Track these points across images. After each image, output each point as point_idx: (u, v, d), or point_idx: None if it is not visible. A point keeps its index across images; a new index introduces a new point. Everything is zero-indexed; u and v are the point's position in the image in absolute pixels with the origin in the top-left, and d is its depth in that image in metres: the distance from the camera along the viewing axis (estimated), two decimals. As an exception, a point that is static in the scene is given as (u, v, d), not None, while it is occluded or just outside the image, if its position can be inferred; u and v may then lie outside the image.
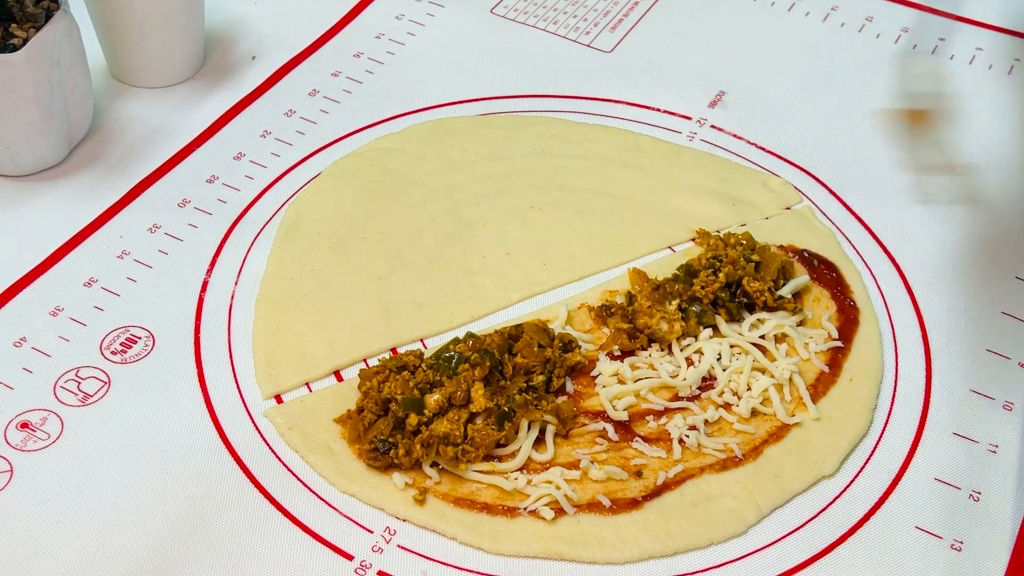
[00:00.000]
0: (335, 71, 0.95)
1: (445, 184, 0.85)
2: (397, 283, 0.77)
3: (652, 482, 0.66)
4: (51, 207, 0.82)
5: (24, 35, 0.78)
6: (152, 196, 0.83)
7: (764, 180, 0.86)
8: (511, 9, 1.02)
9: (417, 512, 0.65)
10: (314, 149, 0.87)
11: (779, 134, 0.90)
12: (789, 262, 0.78)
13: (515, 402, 0.67)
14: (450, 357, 0.69)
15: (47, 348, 0.73)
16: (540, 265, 0.79)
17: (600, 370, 0.72)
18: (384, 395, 0.67)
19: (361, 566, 0.63)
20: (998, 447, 0.69)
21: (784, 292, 0.75)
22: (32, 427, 0.68)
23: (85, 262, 0.78)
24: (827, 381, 0.72)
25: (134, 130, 0.88)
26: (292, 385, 0.71)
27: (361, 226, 0.81)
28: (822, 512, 0.66)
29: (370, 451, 0.66)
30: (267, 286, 0.77)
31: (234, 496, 0.65)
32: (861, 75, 0.96)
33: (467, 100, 0.92)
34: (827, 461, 0.68)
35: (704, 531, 0.64)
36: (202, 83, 0.93)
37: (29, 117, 0.80)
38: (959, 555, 0.64)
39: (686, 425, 0.69)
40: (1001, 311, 0.77)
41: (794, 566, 0.64)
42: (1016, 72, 0.96)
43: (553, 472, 0.66)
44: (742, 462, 0.68)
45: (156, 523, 0.64)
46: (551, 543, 0.64)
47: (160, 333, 0.74)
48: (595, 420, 0.69)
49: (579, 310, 0.76)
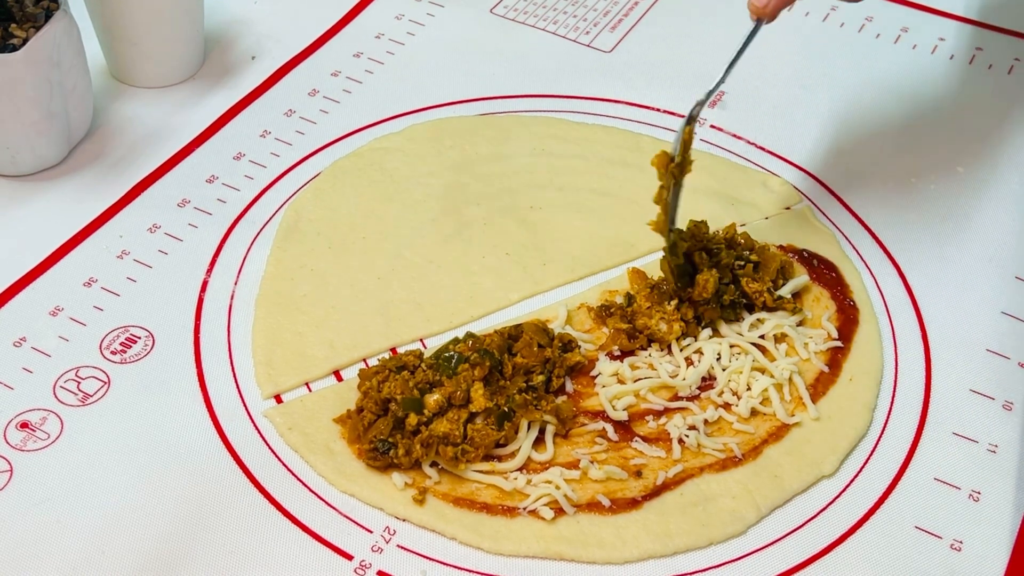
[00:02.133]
0: (335, 71, 0.95)
1: (445, 184, 0.85)
2: (397, 283, 0.77)
3: (652, 482, 0.66)
4: (51, 207, 0.82)
5: (24, 35, 0.78)
6: (152, 196, 0.83)
7: (764, 180, 0.86)
8: (511, 9, 1.02)
9: (417, 512, 0.65)
10: (314, 149, 0.87)
11: (779, 134, 0.90)
12: (788, 262, 0.78)
13: (515, 402, 0.67)
14: (450, 357, 0.69)
15: (47, 348, 0.73)
16: (540, 265, 0.79)
17: (600, 370, 0.72)
18: (384, 395, 0.67)
19: (361, 566, 0.63)
20: (998, 447, 0.69)
21: (783, 292, 0.75)
22: (32, 427, 0.68)
23: (85, 262, 0.78)
24: (827, 381, 0.72)
25: (134, 130, 0.88)
26: (292, 385, 0.71)
27: (361, 226, 0.81)
28: (822, 512, 0.66)
29: (370, 451, 0.66)
30: (267, 286, 0.77)
31: (234, 496, 0.65)
32: (860, 75, 0.96)
33: (467, 100, 0.92)
34: (827, 461, 0.68)
35: (704, 531, 0.64)
36: (202, 83, 0.93)
37: (29, 117, 0.80)
38: (959, 555, 0.64)
39: (686, 425, 0.69)
40: (1001, 311, 0.77)
41: (794, 566, 0.64)
42: (1016, 72, 0.96)
43: (553, 472, 0.66)
44: (742, 462, 0.68)
45: (156, 523, 0.64)
46: (551, 543, 0.64)
47: (160, 333, 0.74)
48: (595, 420, 0.69)
49: (579, 310, 0.76)
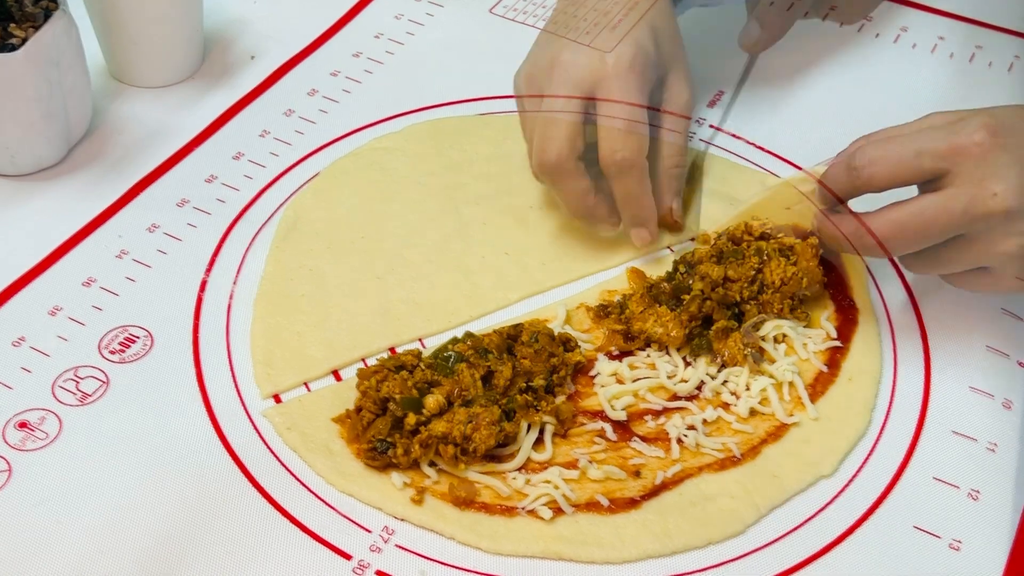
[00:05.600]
0: (334, 71, 0.95)
1: (444, 184, 0.85)
2: (396, 283, 0.77)
3: (650, 482, 0.66)
4: (50, 207, 0.82)
5: (23, 35, 0.78)
6: (151, 196, 0.83)
7: (763, 180, 0.86)
8: (510, 9, 1.02)
9: (415, 512, 0.65)
10: (313, 149, 0.87)
11: (778, 134, 0.90)
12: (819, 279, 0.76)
13: (516, 402, 0.67)
14: (448, 356, 0.69)
15: (46, 348, 0.73)
16: (539, 265, 0.79)
17: (599, 370, 0.72)
18: (382, 395, 0.67)
19: (359, 566, 0.63)
20: (997, 445, 0.69)
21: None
22: (31, 427, 0.68)
23: (84, 262, 0.78)
24: (826, 381, 0.72)
25: (133, 130, 0.88)
26: (290, 385, 0.71)
27: (360, 226, 0.81)
28: (820, 512, 0.66)
29: (368, 451, 0.66)
30: (266, 286, 0.77)
31: (232, 495, 0.65)
32: (860, 75, 0.96)
33: (466, 100, 0.92)
34: (825, 461, 0.68)
35: (702, 531, 0.64)
36: (201, 83, 0.93)
37: (28, 117, 0.80)
38: (957, 554, 0.64)
39: (684, 425, 0.69)
40: (1001, 309, 0.77)
41: (792, 566, 0.63)
42: (1016, 69, 0.96)
43: (551, 472, 0.66)
44: (740, 462, 0.68)
45: (154, 522, 0.64)
46: (550, 543, 0.64)
47: (159, 333, 0.74)
48: (593, 420, 0.69)
49: (578, 310, 0.76)
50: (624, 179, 0.74)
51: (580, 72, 0.74)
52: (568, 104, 0.73)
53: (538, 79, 0.77)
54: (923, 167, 0.65)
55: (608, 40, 0.75)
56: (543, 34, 0.80)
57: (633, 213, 0.76)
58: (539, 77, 0.77)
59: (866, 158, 0.67)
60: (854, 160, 0.68)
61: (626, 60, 0.74)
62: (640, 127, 0.73)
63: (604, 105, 0.74)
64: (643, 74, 0.75)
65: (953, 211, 0.64)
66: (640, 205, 0.76)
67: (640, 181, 0.75)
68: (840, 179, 0.69)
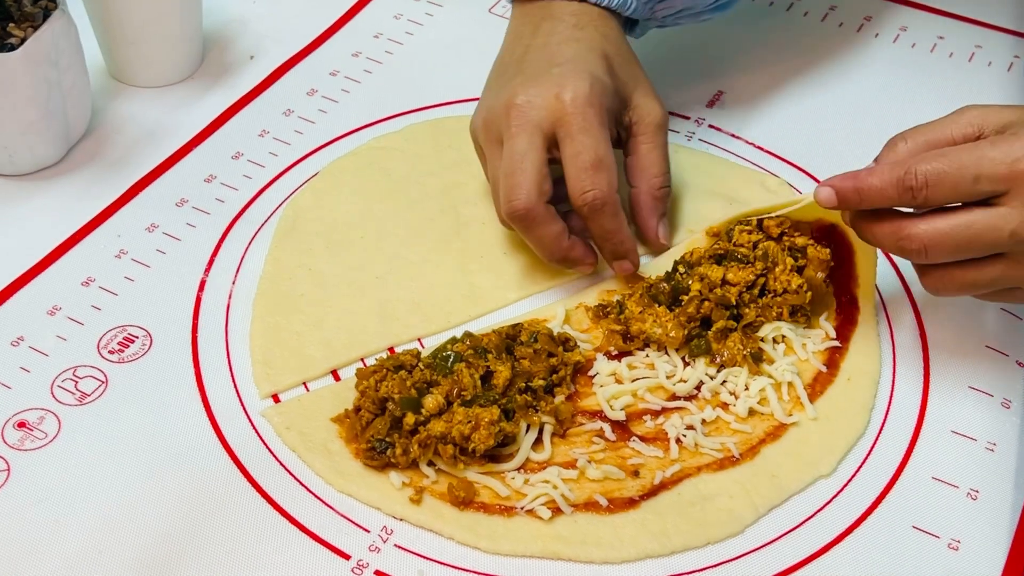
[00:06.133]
0: (333, 70, 0.95)
1: (443, 183, 0.85)
2: (395, 282, 0.77)
3: (649, 482, 0.66)
4: (49, 206, 0.82)
5: (22, 34, 0.78)
6: (150, 195, 0.83)
7: (762, 180, 0.86)
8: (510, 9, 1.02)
9: (414, 511, 0.65)
10: (312, 148, 0.87)
11: (777, 134, 0.90)
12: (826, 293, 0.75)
13: (515, 402, 0.67)
14: (447, 356, 0.69)
15: (44, 347, 0.73)
16: (538, 264, 0.79)
17: (598, 370, 0.72)
18: (381, 394, 0.67)
19: (358, 565, 0.63)
20: (996, 445, 0.69)
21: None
22: (29, 426, 0.68)
23: (83, 261, 0.78)
24: (825, 381, 0.72)
25: (132, 129, 0.88)
26: (289, 384, 0.71)
27: (359, 225, 0.81)
28: (819, 512, 0.66)
29: (367, 450, 0.66)
30: (265, 285, 0.77)
31: (231, 495, 0.65)
32: (860, 74, 0.96)
33: (466, 100, 0.92)
34: (824, 461, 0.68)
35: (701, 531, 0.64)
36: (200, 82, 0.93)
37: (27, 116, 0.80)
38: (956, 554, 0.64)
39: (683, 425, 0.69)
40: (1000, 308, 0.77)
41: (791, 566, 0.63)
42: (1015, 69, 0.96)
43: (550, 472, 0.66)
44: (739, 462, 0.68)
45: (153, 522, 0.64)
46: (548, 542, 0.63)
47: (158, 332, 0.74)
48: (592, 420, 0.69)
49: (576, 310, 0.76)
50: (598, 217, 0.73)
51: (538, 113, 0.72)
52: (531, 148, 0.71)
53: (496, 125, 0.74)
54: (982, 191, 0.64)
55: (560, 77, 0.73)
56: (492, 78, 0.79)
57: (612, 248, 0.75)
58: (496, 123, 0.74)
59: (922, 178, 0.65)
60: (908, 180, 0.65)
61: (583, 94, 0.72)
62: (607, 160, 0.72)
63: (567, 143, 0.72)
64: (602, 105, 0.73)
65: (1002, 230, 0.63)
66: (618, 240, 0.74)
67: (614, 216, 0.73)
68: (890, 194, 0.67)
